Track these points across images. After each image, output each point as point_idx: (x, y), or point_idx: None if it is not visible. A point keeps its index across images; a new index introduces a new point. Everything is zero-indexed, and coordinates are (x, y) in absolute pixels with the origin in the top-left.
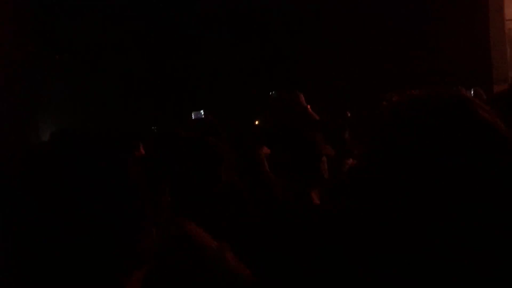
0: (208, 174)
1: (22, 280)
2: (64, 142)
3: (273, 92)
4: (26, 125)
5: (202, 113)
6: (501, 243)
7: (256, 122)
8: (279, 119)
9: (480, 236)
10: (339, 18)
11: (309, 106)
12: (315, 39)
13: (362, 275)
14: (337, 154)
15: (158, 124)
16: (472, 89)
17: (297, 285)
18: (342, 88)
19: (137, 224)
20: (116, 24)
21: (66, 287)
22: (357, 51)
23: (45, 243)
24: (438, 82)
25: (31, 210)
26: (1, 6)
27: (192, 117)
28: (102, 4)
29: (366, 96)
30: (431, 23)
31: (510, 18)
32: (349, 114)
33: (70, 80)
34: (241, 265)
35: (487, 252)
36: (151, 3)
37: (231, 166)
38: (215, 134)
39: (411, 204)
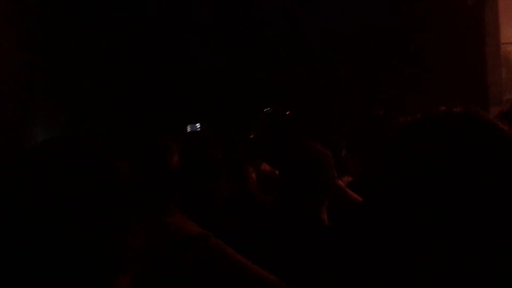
0: (205, 186)
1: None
2: (54, 148)
3: (268, 109)
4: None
5: (198, 126)
6: None
7: (251, 136)
8: (274, 133)
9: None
10: (335, 34)
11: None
12: (309, 56)
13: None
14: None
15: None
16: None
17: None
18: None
19: (124, 225)
20: (113, 34)
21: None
22: (352, 69)
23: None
24: (433, 103)
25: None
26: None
27: (187, 130)
28: (102, 12)
29: (360, 113)
30: (427, 46)
31: (505, 42)
32: (344, 130)
33: (64, 87)
34: (230, 252)
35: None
36: (149, 14)
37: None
38: (211, 147)
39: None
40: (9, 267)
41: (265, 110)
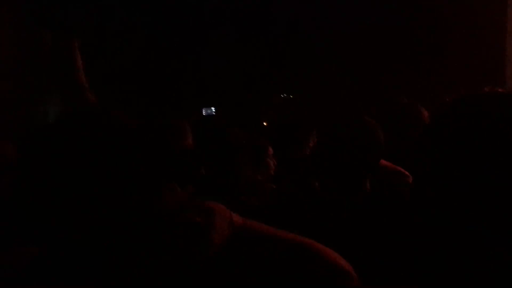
0: (229, 167)
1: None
2: (74, 125)
3: (284, 95)
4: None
5: (213, 110)
6: None
7: (264, 123)
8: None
9: None
10: (349, 22)
11: None
12: (324, 40)
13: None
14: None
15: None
16: None
17: None
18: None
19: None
20: (125, 18)
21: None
22: (370, 56)
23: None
24: (450, 94)
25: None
26: None
27: (203, 113)
28: None
29: (378, 99)
30: (447, 36)
31: None
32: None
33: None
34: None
35: None
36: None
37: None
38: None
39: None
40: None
41: (281, 95)
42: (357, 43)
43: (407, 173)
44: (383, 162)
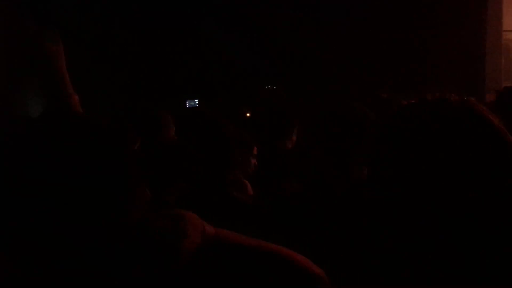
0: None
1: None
2: (54, 125)
3: (268, 86)
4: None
5: (197, 102)
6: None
7: (248, 115)
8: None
9: (482, 237)
10: (336, 21)
11: None
12: (312, 40)
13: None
14: None
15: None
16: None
17: None
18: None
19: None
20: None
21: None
22: (352, 53)
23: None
24: (430, 87)
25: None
26: None
27: (186, 105)
28: None
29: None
30: (426, 29)
31: (507, 29)
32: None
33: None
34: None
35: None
36: None
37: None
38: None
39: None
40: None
41: (266, 87)
42: (342, 39)
43: None
44: None
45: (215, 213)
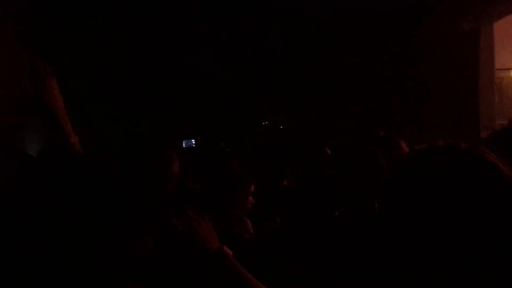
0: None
1: None
2: (53, 161)
3: (266, 123)
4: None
5: (194, 142)
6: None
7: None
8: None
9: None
10: (332, 53)
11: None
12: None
13: None
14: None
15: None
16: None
17: None
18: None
19: (132, 233)
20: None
21: None
22: (346, 90)
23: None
24: (425, 126)
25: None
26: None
27: (183, 145)
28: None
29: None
30: (420, 68)
31: (499, 68)
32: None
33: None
34: (243, 270)
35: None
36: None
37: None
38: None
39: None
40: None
41: (263, 123)
42: (338, 74)
43: None
44: None
45: None
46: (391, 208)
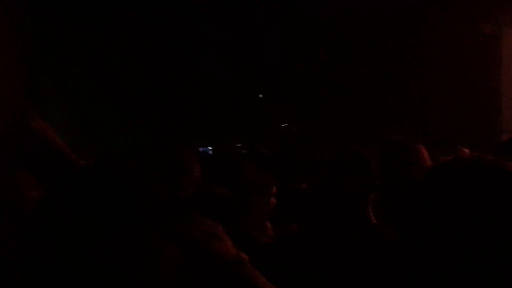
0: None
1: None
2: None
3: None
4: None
5: (210, 149)
6: None
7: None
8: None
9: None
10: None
11: None
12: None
13: None
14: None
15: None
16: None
17: None
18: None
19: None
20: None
21: None
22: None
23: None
24: (446, 130)
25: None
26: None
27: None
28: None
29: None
30: (442, 71)
31: None
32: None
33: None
34: (260, 276)
35: None
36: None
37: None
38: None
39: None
40: None
41: (282, 125)
42: (358, 79)
43: None
44: None
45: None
46: (413, 221)
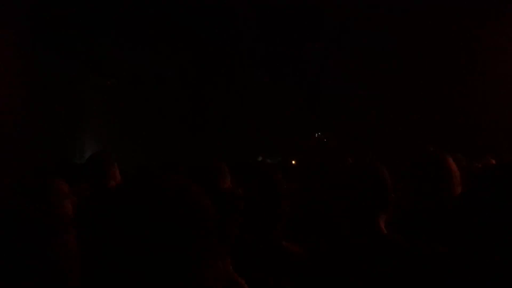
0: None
1: None
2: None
3: (318, 133)
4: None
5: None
6: None
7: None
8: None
9: None
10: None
11: None
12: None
13: None
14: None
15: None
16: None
17: None
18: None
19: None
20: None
21: None
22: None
23: None
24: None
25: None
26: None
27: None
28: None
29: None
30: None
31: None
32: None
33: (115, 105)
34: None
35: None
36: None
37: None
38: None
39: None
40: None
41: (316, 135)
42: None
43: None
44: None
45: (263, 262)
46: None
